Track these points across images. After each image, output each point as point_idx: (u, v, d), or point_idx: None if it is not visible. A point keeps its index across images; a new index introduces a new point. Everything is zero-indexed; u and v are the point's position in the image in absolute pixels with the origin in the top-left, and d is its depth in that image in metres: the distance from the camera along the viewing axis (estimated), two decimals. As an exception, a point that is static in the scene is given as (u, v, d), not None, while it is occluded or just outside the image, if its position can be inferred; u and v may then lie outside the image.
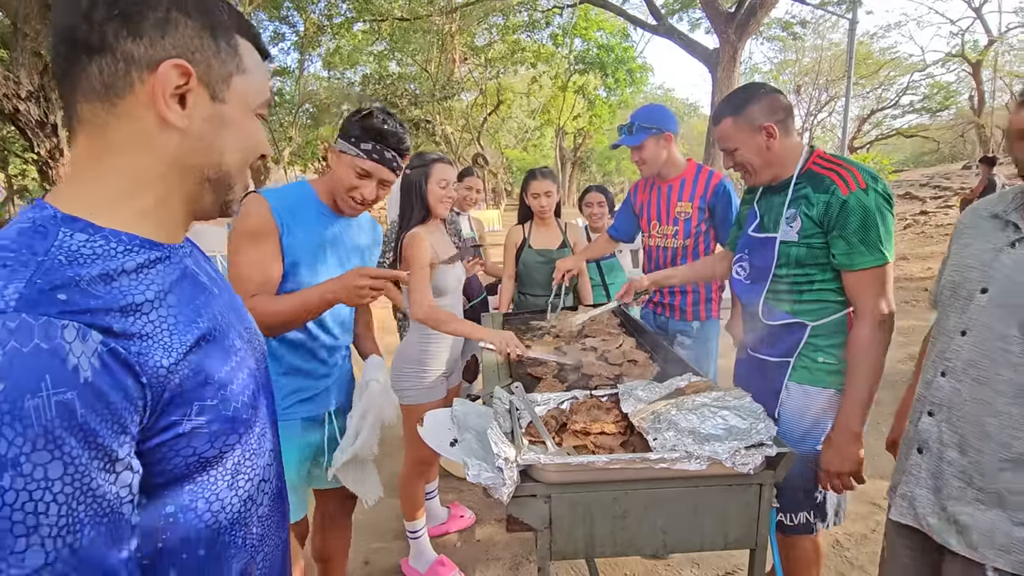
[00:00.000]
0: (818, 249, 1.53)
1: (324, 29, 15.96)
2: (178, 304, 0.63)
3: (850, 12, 12.69)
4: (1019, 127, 1.10)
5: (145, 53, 0.60)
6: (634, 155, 2.37)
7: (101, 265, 0.57)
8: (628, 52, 20.34)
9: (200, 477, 0.64)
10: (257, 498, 0.72)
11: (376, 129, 1.46)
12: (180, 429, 0.60)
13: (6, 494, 0.46)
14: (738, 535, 1.23)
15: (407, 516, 2.31)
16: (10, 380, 0.47)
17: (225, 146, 0.68)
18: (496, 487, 1.12)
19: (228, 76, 0.66)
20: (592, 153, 31.85)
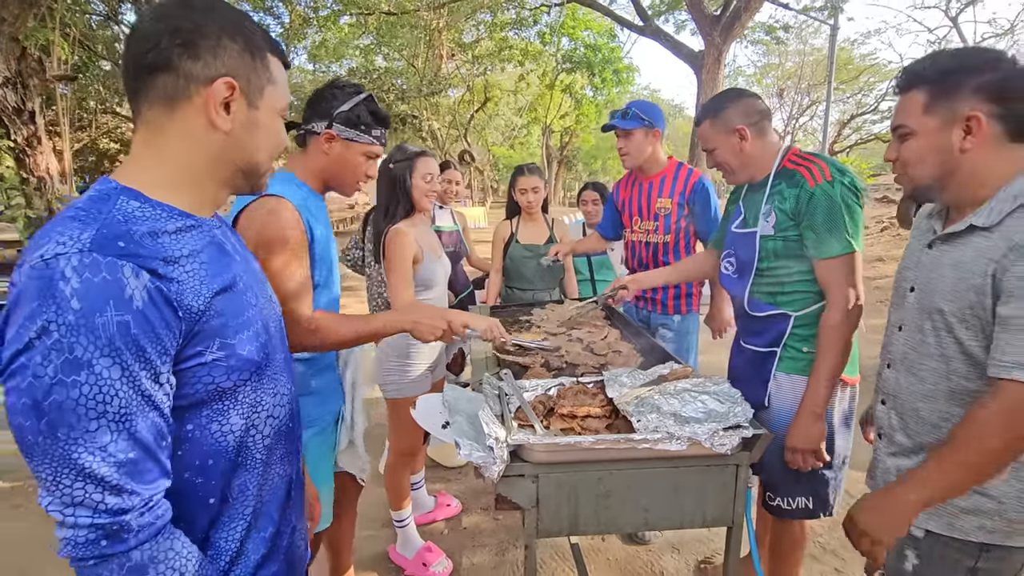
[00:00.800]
0: (793, 241, 1.60)
1: (310, 21, 15.77)
2: (208, 262, 0.79)
3: (832, 18, 12.95)
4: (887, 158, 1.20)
5: (202, 71, 0.78)
6: (620, 142, 2.42)
7: (149, 225, 0.74)
8: (615, 52, 20.47)
9: (216, 404, 0.80)
10: (263, 429, 0.88)
11: (382, 115, 1.54)
12: (203, 359, 0.76)
13: (82, 387, 0.64)
14: (716, 514, 1.30)
15: (393, 506, 2.34)
16: (85, 301, 0.64)
17: (258, 144, 0.85)
18: (487, 466, 1.17)
19: (262, 87, 0.84)
20: (579, 152, 32.01)
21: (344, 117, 1.47)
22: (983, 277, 1.02)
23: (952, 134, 1.06)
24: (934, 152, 1.10)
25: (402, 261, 2.00)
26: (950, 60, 1.08)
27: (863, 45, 26.04)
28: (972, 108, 1.04)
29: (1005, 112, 1.02)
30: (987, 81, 1.03)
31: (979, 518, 1.10)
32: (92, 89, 12.30)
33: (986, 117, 1.03)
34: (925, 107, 1.09)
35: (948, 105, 1.06)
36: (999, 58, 1.04)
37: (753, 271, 1.70)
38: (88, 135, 13.02)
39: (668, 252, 2.47)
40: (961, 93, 1.05)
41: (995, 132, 1.04)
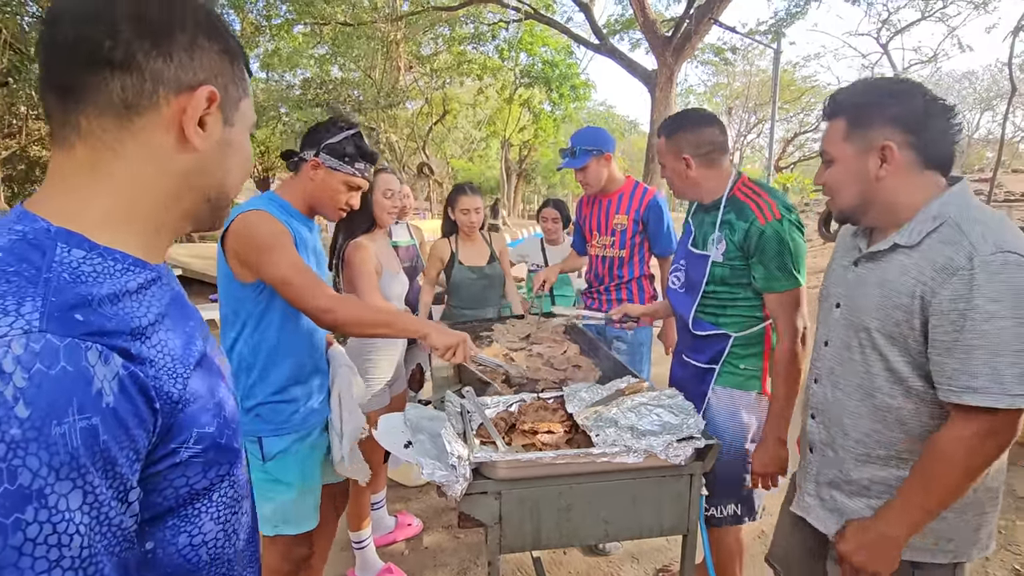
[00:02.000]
0: (740, 270, 1.70)
1: (262, 30, 15.46)
2: (174, 328, 0.61)
3: (775, 42, 13.68)
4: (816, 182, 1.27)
5: (174, 75, 0.59)
6: (578, 176, 2.53)
7: (107, 285, 0.55)
8: (572, 68, 20.90)
9: (185, 510, 0.61)
10: (239, 531, 0.69)
11: (367, 151, 1.65)
12: (177, 458, 0.58)
13: (29, 527, 0.44)
14: (672, 522, 1.34)
15: (352, 527, 2.29)
16: (37, 406, 0.45)
17: (230, 166, 0.68)
18: (450, 484, 1.17)
19: (238, 100, 0.67)
20: (537, 165, 32.40)
21: (331, 148, 1.59)
22: (910, 297, 1.06)
23: (868, 162, 1.12)
24: (853, 179, 1.15)
25: (367, 271, 2.01)
26: (867, 91, 1.14)
27: (804, 68, 27.67)
28: (885, 138, 1.09)
29: (917, 141, 1.08)
30: (900, 112, 1.08)
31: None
32: (23, 93, 11.62)
33: (898, 146, 1.08)
34: (845, 135, 1.15)
35: (864, 134, 1.12)
36: (912, 90, 1.10)
37: (700, 293, 1.78)
38: (17, 142, 12.29)
39: (623, 266, 2.58)
40: (876, 123, 1.10)
41: (908, 160, 1.09)
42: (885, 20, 18.35)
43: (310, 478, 1.67)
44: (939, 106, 1.08)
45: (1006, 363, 0.95)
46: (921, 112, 1.07)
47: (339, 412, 1.70)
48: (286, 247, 1.46)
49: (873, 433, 1.18)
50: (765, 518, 2.68)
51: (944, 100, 1.09)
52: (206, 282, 8.28)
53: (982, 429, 1.00)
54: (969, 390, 0.99)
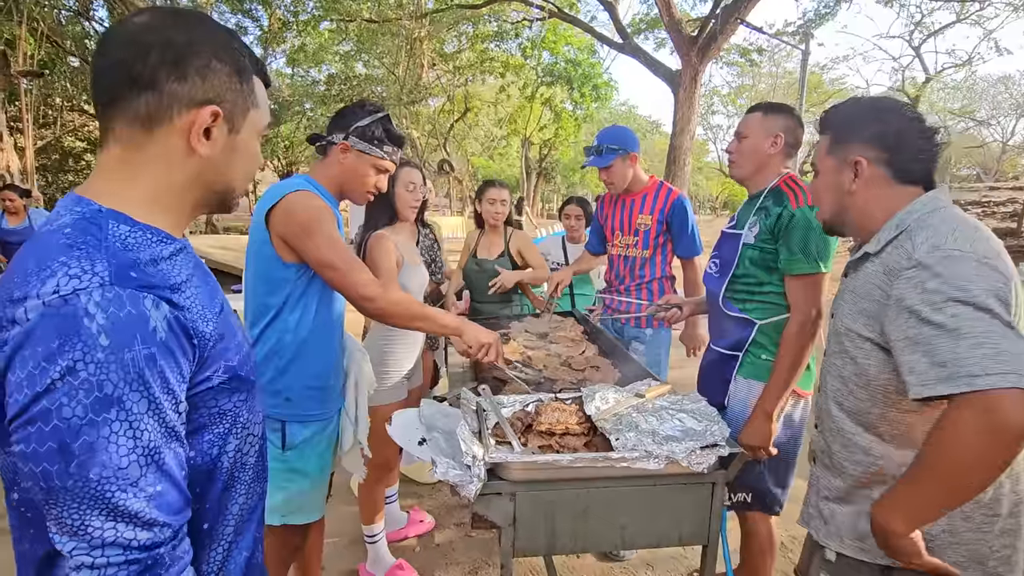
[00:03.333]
0: (768, 254, 1.72)
1: (289, 26, 15.64)
2: (201, 285, 0.77)
3: (803, 43, 13.41)
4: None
5: (187, 94, 0.72)
6: (602, 175, 2.50)
7: (148, 251, 0.71)
8: (595, 68, 20.79)
9: (216, 428, 0.78)
10: (246, 448, 0.85)
11: (395, 134, 1.67)
12: (211, 383, 0.75)
13: (113, 424, 0.62)
14: (692, 532, 1.30)
15: (365, 520, 2.28)
16: (114, 337, 0.62)
17: (236, 169, 0.82)
18: (463, 484, 1.15)
19: (246, 111, 0.79)
20: (557, 164, 32.29)
21: (360, 131, 1.61)
22: (869, 301, 1.10)
23: (843, 175, 1.18)
24: (830, 190, 1.22)
25: (387, 264, 2.00)
26: (849, 109, 1.21)
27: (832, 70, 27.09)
28: (858, 154, 1.15)
29: (891, 158, 1.13)
30: (877, 131, 1.14)
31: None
32: (59, 85, 11.92)
33: (871, 162, 1.14)
34: (827, 149, 1.22)
35: (841, 149, 1.19)
36: (894, 109, 1.16)
37: (731, 272, 1.80)
38: (52, 132, 12.62)
39: (645, 266, 2.54)
40: (852, 140, 1.17)
41: (881, 175, 1.14)
42: (918, 22, 17.88)
43: (326, 469, 1.68)
44: (917, 126, 1.13)
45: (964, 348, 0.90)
46: (896, 131, 1.13)
47: (355, 398, 1.71)
48: (331, 230, 1.49)
49: (853, 436, 1.17)
50: (786, 527, 2.62)
51: (924, 119, 1.14)
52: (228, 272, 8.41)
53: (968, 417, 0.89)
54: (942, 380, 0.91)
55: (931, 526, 1.06)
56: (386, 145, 1.65)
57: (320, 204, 1.50)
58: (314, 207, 1.49)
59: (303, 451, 1.58)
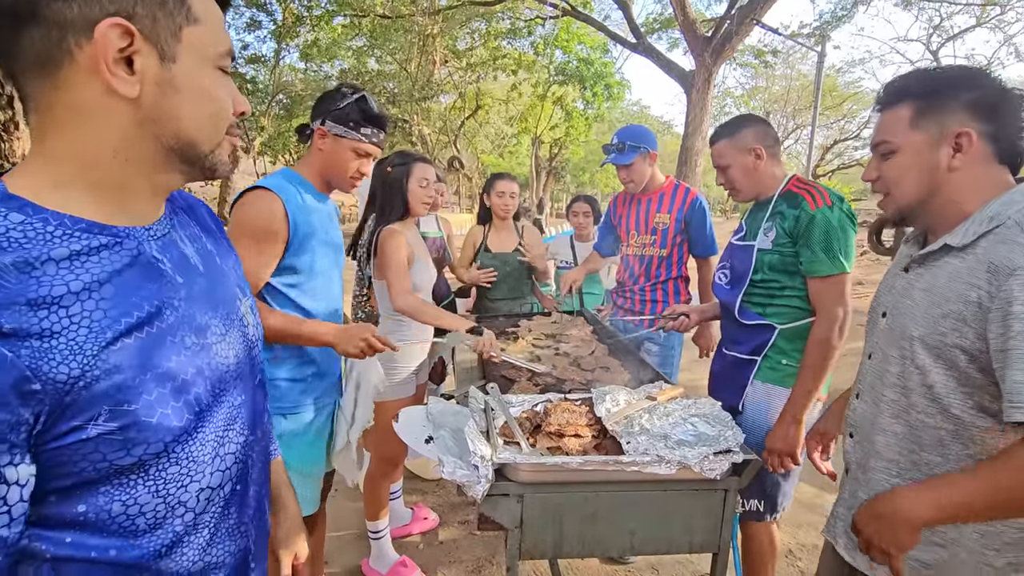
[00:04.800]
0: (788, 257, 1.68)
1: (303, 20, 15.67)
2: (113, 295, 0.58)
3: (819, 45, 13.26)
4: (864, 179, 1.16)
5: (79, 14, 0.54)
6: (622, 173, 2.48)
7: (21, 252, 0.53)
8: (607, 67, 20.69)
9: (117, 480, 0.59)
10: (194, 506, 0.66)
11: (374, 114, 1.57)
12: (84, 434, 0.55)
13: None
14: (702, 539, 1.27)
15: (370, 516, 2.27)
16: None
17: (182, 112, 0.61)
18: (471, 484, 1.13)
19: (178, 29, 0.59)
20: (567, 163, 32.20)
21: (335, 114, 1.53)
22: (962, 304, 0.95)
23: (940, 151, 1.00)
24: (919, 170, 1.03)
25: (399, 259, 2.00)
26: (938, 75, 1.04)
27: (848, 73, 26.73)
28: (962, 125, 0.98)
29: (995, 131, 0.97)
30: (979, 97, 0.98)
31: (941, 572, 1.04)
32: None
33: (977, 135, 0.97)
34: (911, 122, 1.03)
35: (937, 120, 1.00)
36: (984, 75, 1.00)
37: (747, 282, 1.77)
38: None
39: (662, 266, 2.53)
40: (951, 109, 0.99)
41: (985, 151, 0.99)
42: (937, 25, 17.62)
43: (317, 463, 1.65)
44: (1016, 95, 0.97)
45: None
46: (999, 100, 0.97)
47: (353, 397, 1.67)
48: (252, 243, 1.39)
49: (907, 454, 1.06)
50: (793, 534, 2.58)
51: (1020, 90, 0.98)
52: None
53: None
54: None
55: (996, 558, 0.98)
56: (364, 127, 1.56)
57: (256, 215, 1.41)
58: (245, 218, 1.42)
59: (289, 444, 1.53)
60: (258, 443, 0.78)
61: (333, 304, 1.67)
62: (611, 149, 2.46)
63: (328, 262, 1.62)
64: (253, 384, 0.78)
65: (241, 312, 0.77)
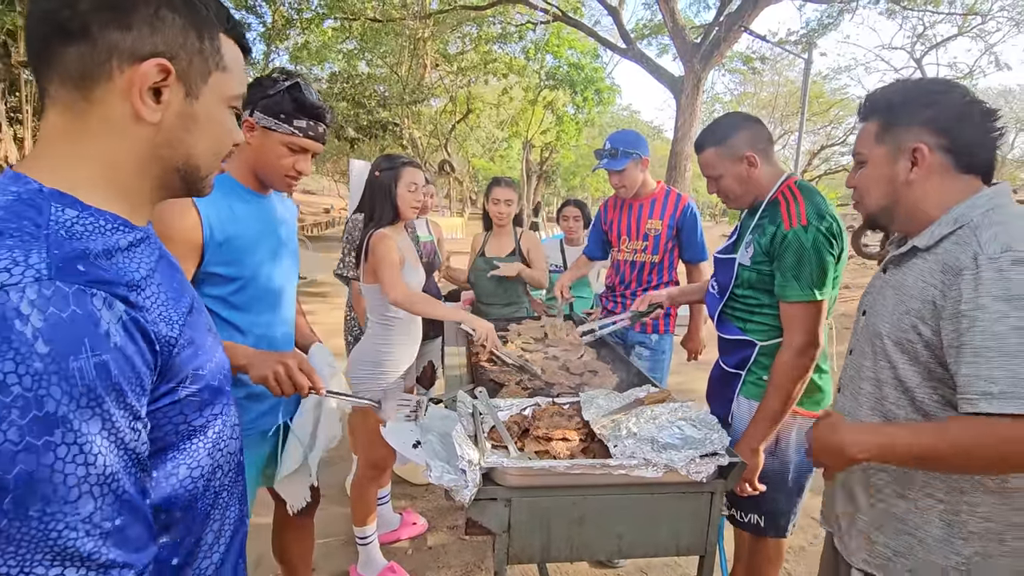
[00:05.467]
0: (766, 276, 1.60)
1: (293, 23, 15.62)
2: (164, 282, 0.67)
3: (806, 52, 13.44)
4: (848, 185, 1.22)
5: (131, 46, 0.61)
6: (614, 179, 2.47)
7: (100, 241, 0.60)
8: (598, 72, 20.81)
9: (185, 445, 0.68)
10: (225, 467, 0.76)
11: (310, 105, 1.39)
12: (176, 396, 0.65)
13: (58, 448, 0.51)
14: (689, 542, 1.28)
15: (357, 521, 2.26)
16: (55, 343, 0.51)
17: (196, 141, 0.69)
18: (458, 489, 1.13)
19: (207, 73, 0.68)
20: (558, 168, 32.31)
21: (264, 104, 1.36)
22: (920, 302, 1.01)
23: (898, 165, 1.08)
24: (882, 181, 1.11)
25: (391, 260, 1.99)
26: (901, 91, 1.10)
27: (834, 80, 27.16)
28: (917, 140, 1.05)
29: (951, 144, 1.03)
30: (935, 113, 1.04)
31: (908, 560, 1.08)
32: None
33: (930, 149, 1.04)
34: (877, 136, 1.11)
35: (896, 135, 1.08)
36: (951, 91, 1.06)
37: (727, 295, 1.72)
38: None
39: (653, 271, 2.54)
40: (908, 125, 1.06)
41: (941, 163, 1.04)
42: (921, 34, 17.92)
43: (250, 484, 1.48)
44: (979, 108, 1.03)
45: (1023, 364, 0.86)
46: (958, 114, 1.03)
47: (313, 417, 1.51)
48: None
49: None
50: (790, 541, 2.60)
51: (986, 103, 1.04)
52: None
53: (1008, 437, 0.87)
54: (987, 396, 0.88)
55: (962, 547, 1.01)
56: (297, 119, 1.38)
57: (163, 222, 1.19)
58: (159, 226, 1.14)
59: None
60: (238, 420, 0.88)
61: (279, 320, 1.50)
62: (604, 154, 2.46)
63: (271, 270, 1.45)
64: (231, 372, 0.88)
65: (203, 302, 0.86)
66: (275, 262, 1.48)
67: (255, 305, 1.41)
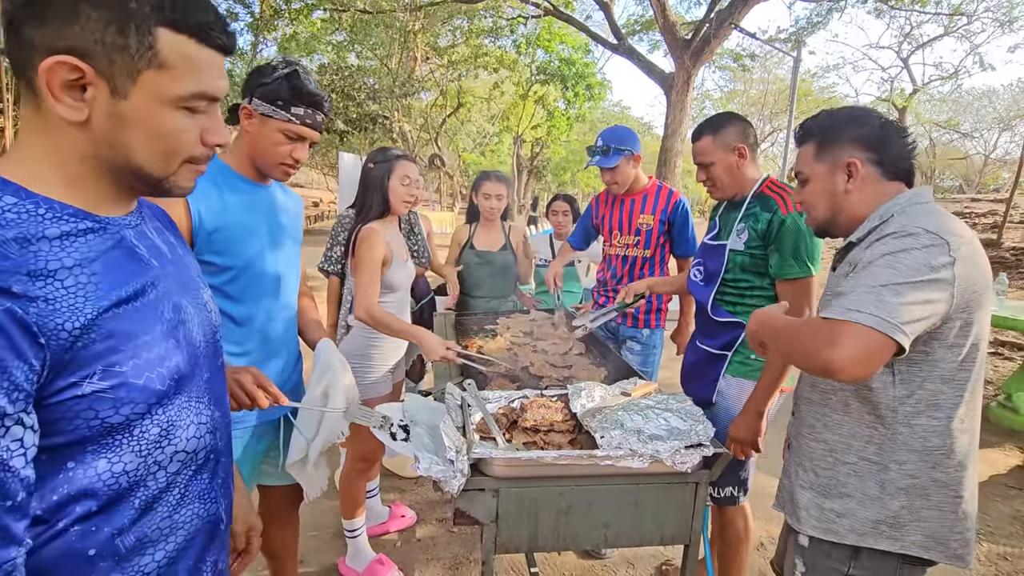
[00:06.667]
0: (759, 259, 1.76)
1: (281, 13, 15.43)
2: (102, 272, 0.65)
3: (795, 50, 13.53)
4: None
5: (44, 42, 0.60)
6: (606, 175, 2.48)
7: (19, 229, 0.60)
8: (589, 67, 20.81)
9: (105, 440, 0.66)
10: (169, 467, 0.73)
11: (307, 91, 1.39)
12: (79, 390, 0.62)
13: None
14: (674, 531, 1.30)
15: (346, 514, 2.26)
16: None
17: (131, 143, 0.66)
18: (447, 480, 1.14)
19: (135, 72, 0.64)
20: (549, 162, 32.29)
21: (262, 91, 1.37)
22: (844, 279, 1.15)
23: (837, 178, 1.24)
24: (825, 195, 1.27)
25: (372, 261, 1.97)
26: (829, 117, 1.28)
27: (823, 78, 27.42)
28: (851, 155, 1.22)
29: (878, 157, 1.21)
30: (863, 132, 1.22)
31: (849, 520, 1.16)
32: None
33: (862, 162, 1.21)
34: (815, 156, 1.27)
35: (831, 153, 1.24)
36: (869, 114, 1.25)
37: (719, 280, 1.83)
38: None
39: (645, 266, 2.56)
40: (841, 143, 1.23)
41: (872, 173, 1.21)
42: (907, 34, 18.14)
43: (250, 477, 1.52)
44: (894, 127, 1.22)
45: (859, 293, 1.02)
46: (879, 131, 1.21)
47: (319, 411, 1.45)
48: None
49: (821, 417, 1.24)
50: (765, 527, 2.64)
51: (897, 122, 1.24)
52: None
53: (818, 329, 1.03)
54: (843, 309, 1.02)
55: (891, 502, 1.14)
56: (295, 106, 1.38)
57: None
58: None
59: None
60: (223, 420, 0.85)
61: (279, 306, 1.51)
62: (596, 151, 2.46)
63: (268, 259, 1.45)
64: (216, 365, 0.85)
65: (204, 299, 0.84)
66: (273, 251, 1.47)
67: (250, 294, 1.42)
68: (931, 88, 24.48)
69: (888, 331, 0.96)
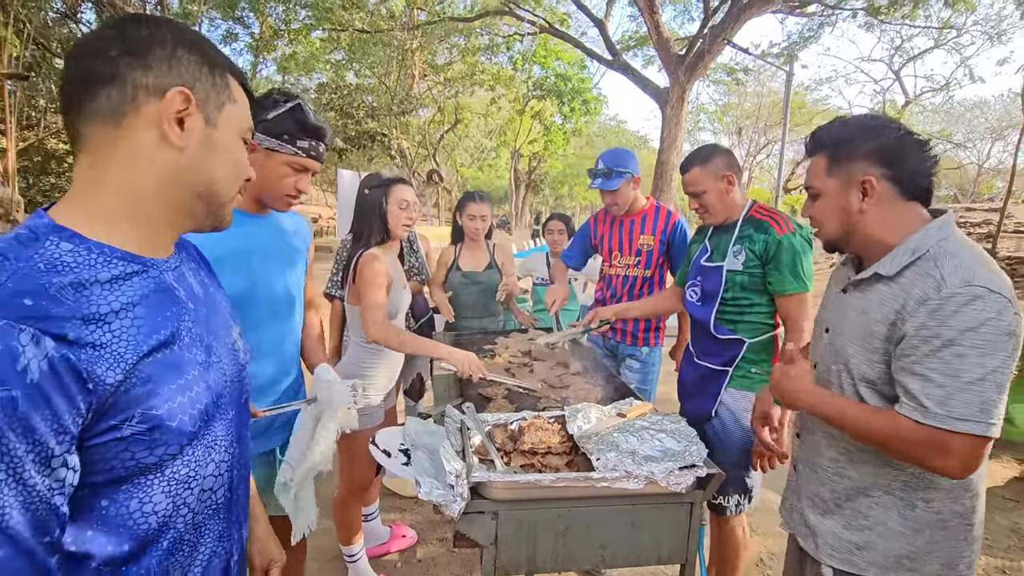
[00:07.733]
0: (757, 278, 1.87)
1: (281, 33, 15.65)
2: (144, 316, 0.69)
3: (787, 64, 13.74)
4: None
5: (152, 82, 0.69)
6: (607, 198, 2.52)
7: (75, 274, 0.63)
8: (584, 83, 21.08)
9: (138, 479, 0.68)
10: (194, 507, 0.76)
11: (311, 124, 1.43)
12: (119, 433, 0.65)
13: None
14: (670, 551, 1.32)
15: (343, 540, 2.25)
16: None
17: (216, 166, 0.76)
18: (447, 504, 1.16)
19: (221, 105, 0.76)
20: (546, 177, 32.52)
21: (265, 126, 1.39)
22: (885, 325, 1.10)
23: (851, 196, 1.15)
24: (838, 212, 1.19)
25: (376, 286, 1.95)
26: (844, 128, 1.18)
27: (816, 91, 27.73)
28: (865, 172, 1.13)
29: (896, 174, 1.12)
30: (878, 146, 1.12)
31: (870, 553, 1.16)
32: (44, 87, 11.80)
33: (878, 179, 1.12)
34: (827, 170, 1.19)
35: (845, 169, 1.16)
36: (887, 125, 1.15)
37: (719, 300, 1.91)
38: (35, 134, 12.43)
39: (646, 286, 2.59)
40: (855, 158, 1.14)
41: (889, 192, 1.13)
42: (898, 47, 18.41)
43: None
44: (913, 140, 1.12)
45: (957, 389, 0.99)
46: (897, 146, 1.12)
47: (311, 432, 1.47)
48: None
49: (844, 451, 1.21)
50: (763, 543, 2.65)
51: (917, 135, 1.13)
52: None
53: (927, 440, 1.01)
54: (920, 409, 1.02)
55: (915, 538, 1.13)
56: (300, 140, 1.42)
57: None
58: None
59: None
60: (242, 455, 0.87)
61: (289, 329, 1.53)
62: (597, 174, 2.49)
63: (270, 286, 1.46)
64: (240, 402, 0.88)
65: (233, 337, 0.88)
66: (276, 278, 1.49)
67: (253, 322, 1.41)
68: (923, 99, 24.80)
69: (994, 434, 0.97)
